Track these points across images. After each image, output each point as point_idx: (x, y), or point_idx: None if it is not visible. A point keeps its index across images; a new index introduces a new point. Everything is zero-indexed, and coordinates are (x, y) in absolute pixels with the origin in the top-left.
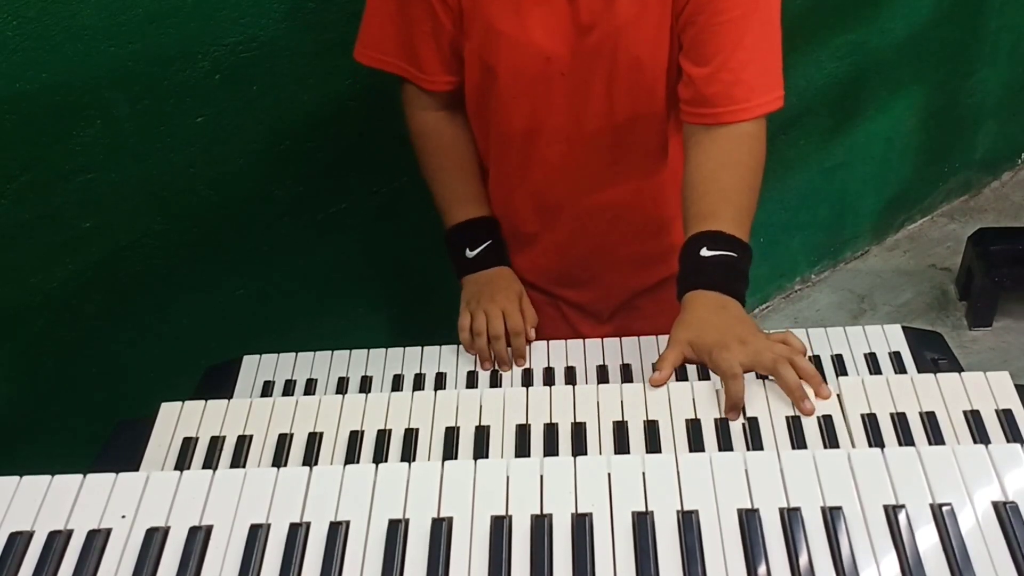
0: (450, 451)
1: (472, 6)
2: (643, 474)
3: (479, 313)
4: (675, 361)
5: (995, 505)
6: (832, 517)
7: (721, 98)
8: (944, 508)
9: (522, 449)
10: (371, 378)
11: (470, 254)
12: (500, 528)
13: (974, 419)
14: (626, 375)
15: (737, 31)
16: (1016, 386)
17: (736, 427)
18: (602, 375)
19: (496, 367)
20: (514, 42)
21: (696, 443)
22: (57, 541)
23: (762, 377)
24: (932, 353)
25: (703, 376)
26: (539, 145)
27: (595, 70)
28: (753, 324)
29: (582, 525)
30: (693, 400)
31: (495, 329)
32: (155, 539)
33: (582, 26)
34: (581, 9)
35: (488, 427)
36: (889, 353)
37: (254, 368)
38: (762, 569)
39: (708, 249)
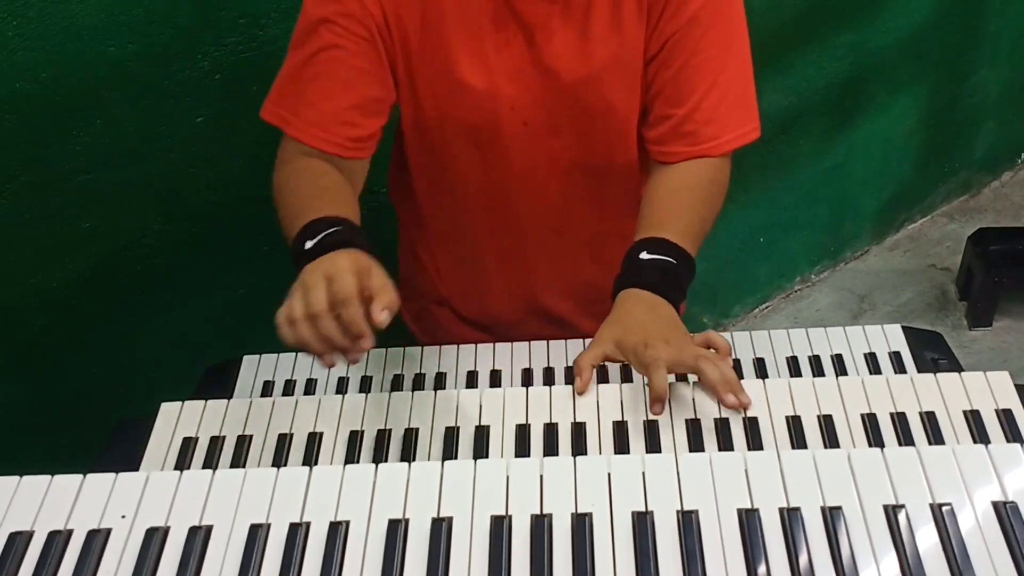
0: (450, 451)
1: (425, 54)
2: (643, 474)
3: (296, 293)
4: (593, 361)
5: (995, 505)
6: (832, 517)
7: (694, 137)
8: (944, 508)
9: (522, 449)
10: (371, 378)
11: (309, 244)
12: (500, 528)
13: (974, 419)
14: (626, 375)
15: (712, 71)
16: (1016, 386)
17: (736, 427)
18: (602, 375)
19: (343, 358)
20: (476, 91)
21: (696, 443)
22: (57, 541)
23: (762, 377)
24: (932, 353)
25: None
26: (500, 198)
27: (560, 117)
28: (682, 327)
29: (582, 525)
30: (693, 400)
31: (311, 301)
32: (155, 539)
33: (548, 71)
34: (544, 54)
35: (488, 427)
36: (889, 353)
37: (254, 368)
38: (762, 569)
39: (648, 253)
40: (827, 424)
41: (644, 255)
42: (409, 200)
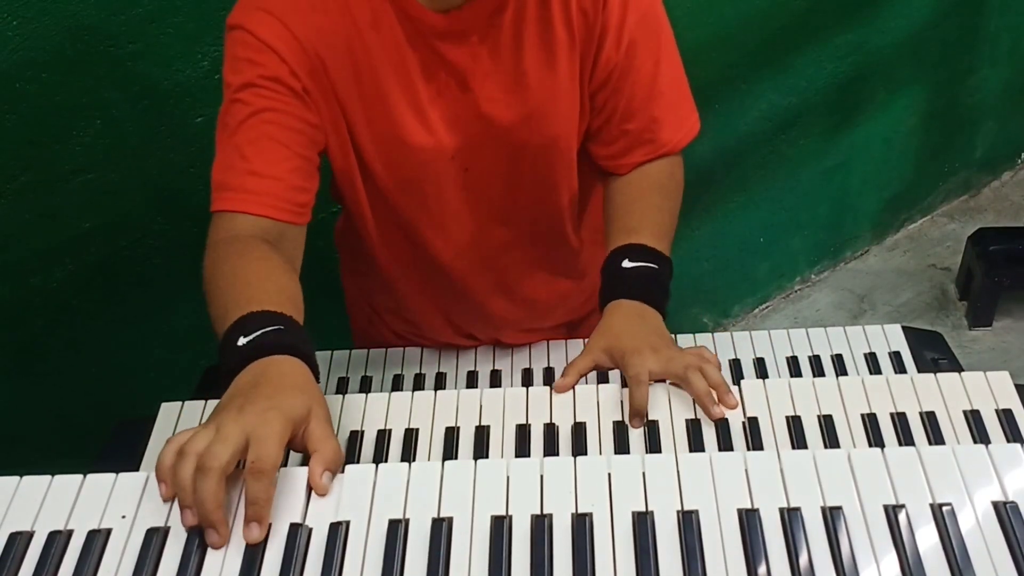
0: (450, 451)
1: (362, 107)
2: (643, 474)
3: (207, 429)
4: (583, 369)
5: (995, 505)
6: (832, 517)
7: (652, 144)
8: (944, 508)
9: (522, 449)
10: (371, 378)
11: (243, 341)
12: (500, 528)
13: (974, 419)
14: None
15: (654, 80)
16: (1016, 386)
17: (736, 427)
18: (602, 375)
19: (206, 538)
20: (418, 145)
21: (696, 443)
22: (57, 541)
23: (762, 377)
24: (932, 353)
25: None
26: (447, 246)
27: (499, 157)
28: (669, 336)
29: (582, 525)
30: (693, 400)
31: (209, 455)
32: (155, 539)
33: (485, 116)
34: (480, 99)
35: (488, 427)
36: (889, 353)
37: None
38: (762, 569)
39: (630, 261)
40: (827, 424)
41: (626, 263)
42: (351, 241)
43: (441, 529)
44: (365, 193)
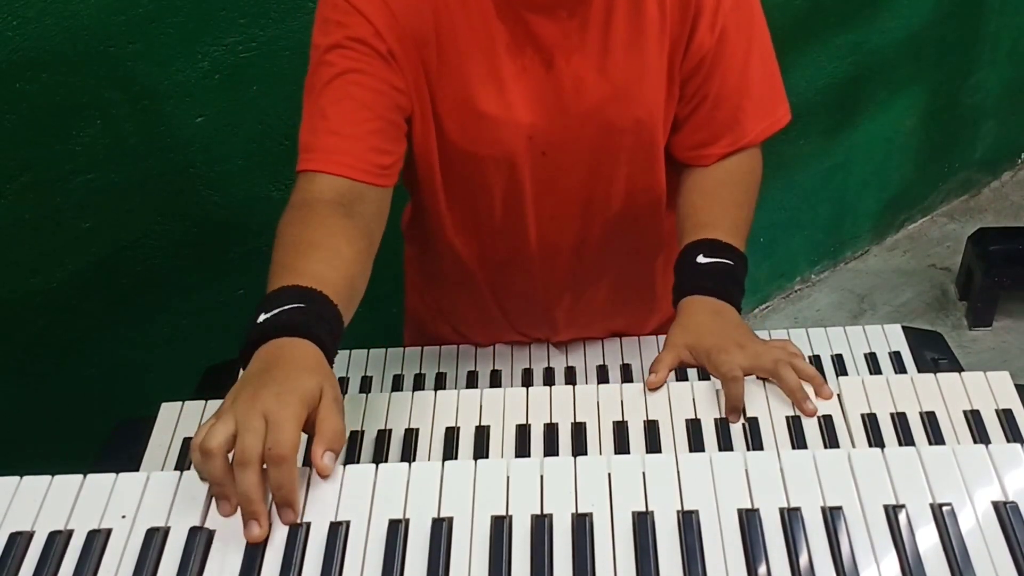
0: (450, 451)
1: (443, 78)
2: (643, 474)
3: (227, 419)
4: (671, 364)
5: (995, 505)
6: (832, 517)
7: (734, 135)
8: (944, 508)
9: (522, 449)
10: (371, 378)
11: (262, 318)
12: (500, 528)
13: (974, 419)
14: (626, 375)
15: (744, 66)
16: (1016, 386)
17: (736, 427)
18: (602, 375)
19: (244, 533)
20: (494, 122)
21: (696, 443)
22: (57, 541)
23: (762, 378)
24: (932, 353)
25: (703, 376)
26: (520, 233)
27: (579, 143)
28: (749, 329)
29: (582, 525)
30: (693, 400)
31: (243, 448)
32: (155, 539)
33: (569, 95)
34: (565, 76)
35: (488, 427)
36: (889, 353)
37: None
38: (762, 569)
39: (705, 256)
40: (827, 424)
41: (701, 259)
42: (421, 230)
43: (441, 529)
44: (440, 173)
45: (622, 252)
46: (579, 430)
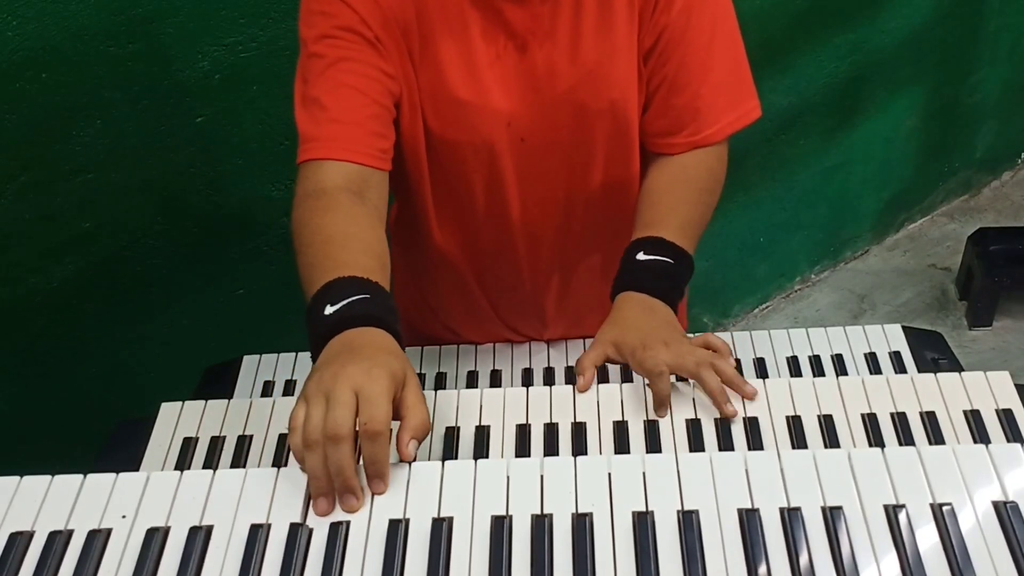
0: (450, 451)
1: (424, 66)
2: (643, 474)
3: (316, 400)
4: (596, 361)
5: (995, 505)
6: (832, 517)
7: (696, 125)
8: (944, 508)
9: (522, 449)
10: None
11: (329, 310)
12: (500, 528)
13: (974, 419)
14: (626, 375)
15: (706, 55)
16: (1016, 386)
17: (736, 427)
18: (602, 375)
19: (340, 504)
20: (476, 109)
21: (696, 443)
22: (57, 541)
23: (762, 377)
24: (932, 353)
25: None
26: (503, 221)
27: (557, 128)
28: (679, 329)
29: (582, 525)
30: (693, 400)
31: (334, 423)
32: (155, 539)
33: (543, 79)
34: (538, 61)
35: (488, 427)
36: (889, 353)
37: (254, 368)
38: (762, 569)
39: (645, 254)
40: (827, 424)
41: (641, 256)
42: (406, 228)
43: (441, 529)
44: (427, 162)
45: (605, 236)
46: (579, 430)
